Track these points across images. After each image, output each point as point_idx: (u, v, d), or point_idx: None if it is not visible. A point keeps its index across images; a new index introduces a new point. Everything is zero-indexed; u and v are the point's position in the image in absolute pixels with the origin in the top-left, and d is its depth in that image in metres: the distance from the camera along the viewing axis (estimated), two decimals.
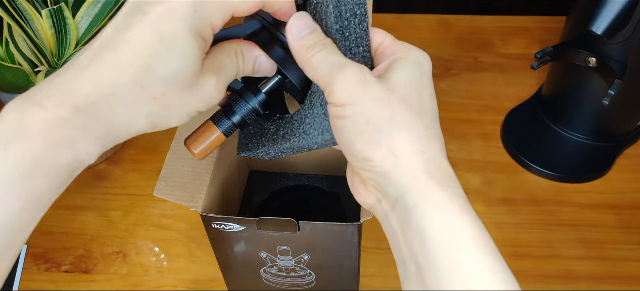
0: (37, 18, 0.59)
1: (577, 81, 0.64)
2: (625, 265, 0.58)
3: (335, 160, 0.60)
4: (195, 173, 0.46)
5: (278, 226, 0.44)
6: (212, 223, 0.45)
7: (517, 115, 0.73)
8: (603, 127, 0.67)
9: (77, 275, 0.60)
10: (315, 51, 0.31)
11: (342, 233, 0.45)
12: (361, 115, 0.29)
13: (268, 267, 0.51)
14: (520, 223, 0.62)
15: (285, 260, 0.49)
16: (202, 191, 0.45)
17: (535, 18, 0.89)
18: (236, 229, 0.46)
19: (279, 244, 0.47)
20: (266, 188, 0.61)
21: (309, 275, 0.51)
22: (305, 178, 0.62)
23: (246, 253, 0.49)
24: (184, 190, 0.45)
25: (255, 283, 0.54)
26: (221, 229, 0.46)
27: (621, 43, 0.56)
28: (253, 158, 0.61)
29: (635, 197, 0.65)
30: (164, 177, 0.45)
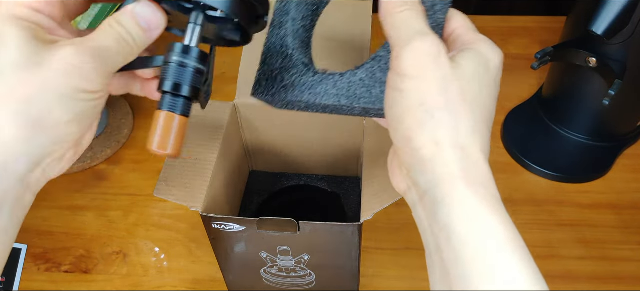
0: None
1: (577, 81, 0.64)
2: (625, 265, 0.58)
3: (336, 160, 0.60)
4: (196, 173, 0.46)
5: (278, 227, 0.44)
6: (212, 223, 0.45)
7: (517, 115, 0.73)
8: (603, 127, 0.67)
9: (77, 275, 0.60)
10: (405, 8, 0.29)
11: (342, 233, 0.45)
12: (418, 93, 0.28)
13: (268, 267, 0.51)
14: (520, 223, 0.62)
15: (285, 260, 0.49)
16: (202, 191, 0.45)
17: (535, 18, 0.89)
18: (236, 229, 0.45)
19: (279, 244, 0.47)
20: (266, 188, 0.61)
21: (309, 275, 0.51)
22: (305, 178, 0.62)
23: (246, 253, 0.49)
24: (184, 190, 0.45)
25: (256, 283, 0.54)
26: (221, 229, 0.46)
27: (621, 43, 0.56)
28: (252, 159, 0.61)
29: (635, 197, 0.65)
30: (164, 177, 0.45)
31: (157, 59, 0.31)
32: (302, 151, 0.59)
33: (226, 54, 0.88)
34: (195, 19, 0.31)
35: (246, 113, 0.54)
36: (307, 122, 0.55)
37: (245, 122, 0.55)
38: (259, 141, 0.58)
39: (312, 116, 0.53)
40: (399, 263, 0.59)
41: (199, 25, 0.31)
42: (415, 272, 0.58)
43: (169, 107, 0.30)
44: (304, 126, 0.56)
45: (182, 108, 0.30)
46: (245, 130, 0.56)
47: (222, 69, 0.83)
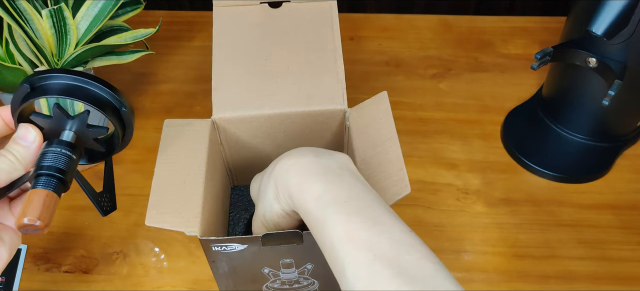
0: (37, 18, 0.59)
1: (577, 81, 0.64)
2: (625, 265, 0.59)
3: None
4: (186, 197, 0.45)
5: (283, 240, 0.43)
6: (213, 246, 0.44)
7: (517, 115, 0.73)
8: (603, 127, 0.67)
9: (77, 275, 0.60)
10: None
11: None
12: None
13: (270, 282, 0.50)
14: (520, 223, 0.63)
15: (289, 273, 0.49)
16: (196, 214, 0.43)
17: (535, 18, 0.89)
18: (238, 248, 0.44)
19: (283, 257, 0.46)
20: (251, 203, 0.60)
21: (313, 283, 0.51)
22: None
23: (248, 272, 0.48)
24: (178, 215, 0.43)
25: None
26: (222, 251, 0.44)
27: (621, 43, 0.56)
28: (233, 174, 0.60)
29: (634, 197, 0.65)
30: (154, 204, 0.44)
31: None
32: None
33: None
34: (67, 125, 0.38)
35: (225, 127, 0.53)
36: (287, 129, 0.54)
37: (224, 137, 0.54)
38: (239, 155, 0.57)
39: (291, 124, 0.52)
40: None
41: (71, 131, 0.38)
42: None
43: (41, 185, 0.35)
44: (285, 133, 0.54)
45: (53, 186, 0.36)
46: (225, 146, 0.55)
47: None
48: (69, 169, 0.37)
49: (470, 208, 0.64)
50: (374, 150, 0.47)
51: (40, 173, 0.36)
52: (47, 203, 0.35)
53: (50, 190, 0.35)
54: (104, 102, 0.38)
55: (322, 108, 0.51)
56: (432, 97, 0.77)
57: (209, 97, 0.79)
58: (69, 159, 0.37)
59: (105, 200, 0.42)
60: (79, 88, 0.37)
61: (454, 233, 0.62)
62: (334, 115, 0.52)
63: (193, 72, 0.83)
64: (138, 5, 0.71)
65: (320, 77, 0.53)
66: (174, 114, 0.76)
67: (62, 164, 0.36)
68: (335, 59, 0.53)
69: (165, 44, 0.87)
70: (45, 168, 0.36)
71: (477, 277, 0.58)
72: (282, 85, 0.52)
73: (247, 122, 0.52)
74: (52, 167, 0.36)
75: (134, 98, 0.79)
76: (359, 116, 0.51)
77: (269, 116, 0.52)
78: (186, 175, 0.46)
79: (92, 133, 0.39)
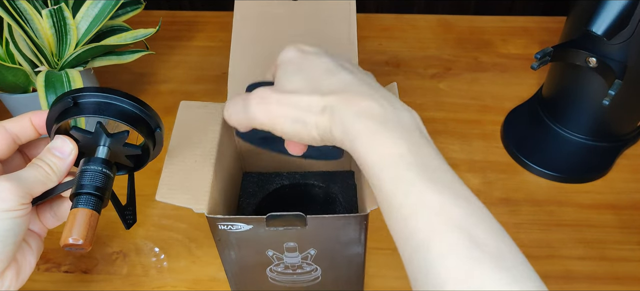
0: (37, 18, 0.59)
1: (577, 81, 0.64)
2: (625, 265, 0.59)
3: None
4: (196, 176, 0.46)
5: (286, 222, 0.44)
6: (219, 225, 0.45)
7: (517, 115, 0.73)
8: (603, 127, 0.67)
9: (77, 275, 0.60)
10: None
11: (349, 224, 0.45)
12: (276, 119, 0.36)
13: (274, 265, 0.51)
14: (520, 223, 0.63)
15: (292, 257, 0.49)
16: (204, 193, 0.45)
17: (535, 18, 0.89)
18: (243, 229, 0.45)
19: (286, 240, 0.47)
20: (261, 189, 0.61)
21: (315, 270, 0.51)
22: (299, 176, 0.62)
23: (252, 253, 0.49)
24: (187, 193, 0.45)
25: (261, 283, 0.54)
26: (228, 230, 0.46)
27: (621, 43, 0.56)
28: (245, 160, 0.61)
29: (634, 197, 0.65)
30: (165, 181, 0.45)
31: (73, 180, 0.38)
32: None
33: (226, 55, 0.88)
34: (103, 141, 0.38)
35: None
36: None
37: None
38: None
39: None
40: (399, 263, 0.59)
41: (105, 147, 0.39)
42: None
43: (82, 204, 0.36)
44: None
45: (93, 205, 0.36)
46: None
47: (222, 69, 0.83)
48: (106, 187, 0.38)
49: None
50: None
51: (81, 193, 0.36)
52: (91, 222, 0.35)
53: (91, 209, 0.36)
54: (144, 123, 0.38)
55: None
56: (432, 97, 0.77)
57: (209, 97, 0.79)
58: (107, 177, 0.38)
59: (129, 214, 0.42)
60: (125, 110, 0.37)
61: None
62: None
63: (193, 72, 0.83)
64: (138, 5, 0.71)
65: None
66: (173, 114, 0.76)
67: (100, 182, 0.37)
68: (350, 51, 0.54)
69: (165, 44, 0.87)
70: (85, 187, 0.36)
71: None
72: None
73: None
74: (92, 186, 0.36)
75: None
76: None
77: None
78: (198, 155, 0.47)
79: (126, 150, 0.40)
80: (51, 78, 0.58)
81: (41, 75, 0.58)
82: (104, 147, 0.38)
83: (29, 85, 0.63)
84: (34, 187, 0.35)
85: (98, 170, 0.37)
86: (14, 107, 0.65)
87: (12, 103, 0.64)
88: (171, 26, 0.90)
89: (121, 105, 0.37)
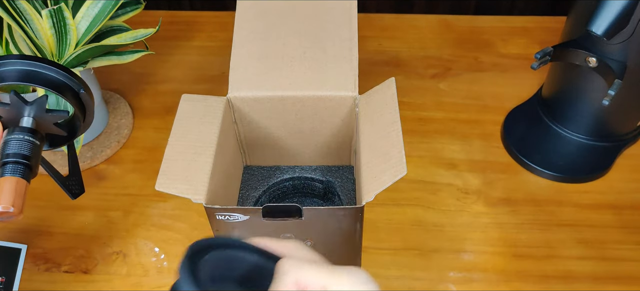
0: (37, 18, 0.59)
1: (577, 81, 0.64)
2: (625, 265, 0.59)
3: (329, 149, 0.61)
4: (196, 167, 0.46)
5: (282, 214, 0.45)
6: (217, 215, 0.45)
7: (517, 115, 0.73)
8: (603, 127, 0.67)
9: (77, 275, 0.60)
10: None
11: (345, 216, 0.46)
12: None
13: None
14: (520, 223, 0.63)
15: None
16: (203, 184, 0.45)
17: (535, 18, 0.89)
18: (240, 219, 0.46)
19: (283, 231, 0.47)
20: (262, 182, 0.61)
21: None
22: (299, 170, 0.62)
23: None
24: (186, 183, 0.45)
25: None
26: (225, 220, 0.46)
27: (621, 43, 0.56)
28: (246, 154, 0.62)
29: (634, 197, 0.65)
30: (164, 171, 0.45)
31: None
32: (295, 142, 0.60)
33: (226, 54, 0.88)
34: (26, 111, 0.38)
35: (240, 106, 0.55)
36: (299, 112, 0.56)
37: (238, 116, 0.56)
38: (253, 135, 0.58)
39: (303, 107, 0.54)
40: (399, 263, 0.59)
41: (30, 117, 0.38)
42: (415, 272, 0.58)
43: (9, 173, 0.35)
44: (296, 116, 0.56)
45: (21, 172, 0.36)
46: (239, 124, 0.57)
47: (222, 69, 0.83)
48: (33, 155, 0.37)
49: (470, 208, 0.64)
50: (378, 135, 0.49)
51: (6, 162, 0.36)
52: (18, 189, 0.35)
53: (18, 177, 0.35)
54: (61, 85, 0.37)
55: (334, 93, 0.53)
56: (432, 97, 0.77)
57: None
58: (32, 145, 0.37)
59: (72, 184, 0.42)
60: (35, 73, 0.36)
61: (454, 233, 0.62)
62: (345, 101, 0.54)
63: (193, 72, 0.83)
64: (138, 5, 0.71)
65: (335, 64, 0.54)
66: (173, 114, 0.76)
67: (27, 150, 0.36)
68: (350, 48, 0.55)
69: (165, 44, 0.87)
70: (11, 156, 0.36)
71: (477, 277, 0.58)
72: (297, 69, 0.54)
73: (261, 102, 0.54)
74: (18, 154, 0.36)
75: (134, 98, 0.79)
76: (368, 102, 0.52)
77: (282, 98, 0.53)
78: (198, 147, 0.48)
79: (52, 117, 0.39)
80: None
81: None
82: (28, 117, 0.38)
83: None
84: None
85: (21, 137, 0.37)
86: None
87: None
88: (171, 26, 0.90)
89: (38, 71, 0.36)
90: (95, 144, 0.71)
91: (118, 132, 0.73)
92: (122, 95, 0.79)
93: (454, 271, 0.58)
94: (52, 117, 0.39)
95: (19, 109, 0.38)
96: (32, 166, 0.37)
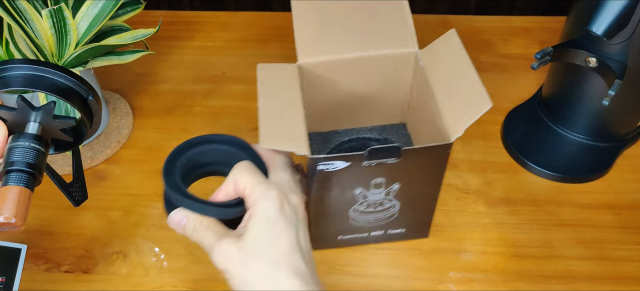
0: (37, 18, 0.59)
1: (577, 81, 0.64)
2: (624, 265, 0.59)
3: (383, 108, 0.65)
4: (290, 125, 0.48)
5: (384, 154, 0.47)
6: (319, 165, 0.47)
7: (517, 115, 0.73)
8: (603, 127, 0.67)
9: (77, 275, 0.60)
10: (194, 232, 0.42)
11: (436, 152, 0.49)
12: (233, 279, 0.40)
13: (358, 204, 0.54)
14: (520, 223, 0.63)
15: (377, 193, 0.52)
16: (303, 138, 0.47)
17: (535, 18, 0.89)
18: (340, 167, 0.48)
19: (375, 176, 0.50)
20: (324, 146, 0.64)
21: (394, 206, 0.55)
22: (356, 132, 0.66)
23: (341, 194, 0.52)
24: (287, 139, 0.47)
25: (341, 226, 0.57)
26: (326, 170, 0.48)
27: (621, 43, 0.56)
28: (308, 121, 0.64)
29: (634, 197, 0.65)
30: (265, 131, 0.47)
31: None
32: (352, 104, 0.63)
33: (226, 54, 0.88)
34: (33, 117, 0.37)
35: (309, 72, 0.57)
36: (364, 74, 0.59)
37: (306, 83, 0.57)
38: (316, 100, 0.60)
39: (368, 67, 0.59)
40: (399, 263, 0.59)
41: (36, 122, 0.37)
42: (415, 272, 0.58)
43: (13, 181, 0.34)
44: (359, 77, 0.59)
45: (25, 182, 0.35)
46: (306, 91, 0.58)
47: (222, 69, 0.83)
48: (39, 162, 0.36)
49: (470, 208, 0.64)
50: (452, 79, 0.52)
51: (11, 170, 0.35)
52: (21, 199, 0.34)
53: (22, 187, 0.34)
54: (69, 91, 0.36)
55: (396, 50, 0.57)
56: None
57: (209, 97, 0.79)
58: (37, 152, 0.36)
59: (76, 190, 0.41)
60: (42, 78, 0.35)
61: (454, 233, 0.62)
62: (406, 58, 0.58)
63: (193, 72, 0.83)
64: (138, 5, 0.71)
65: (392, 25, 0.58)
66: (173, 114, 0.76)
67: (32, 158, 0.35)
68: (402, 7, 0.59)
69: (165, 44, 0.87)
70: (16, 164, 0.35)
71: (477, 277, 0.58)
72: (358, 32, 0.57)
73: (329, 66, 0.57)
74: (22, 162, 0.35)
75: (134, 98, 0.79)
76: (431, 55, 0.56)
77: (349, 59, 0.57)
78: (287, 108, 0.50)
79: (59, 124, 0.38)
80: None
81: None
82: (34, 123, 0.37)
83: None
84: None
85: (27, 145, 0.35)
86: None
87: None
88: (171, 26, 0.90)
89: (46, 76, 0.35)
90: (95, 144, 0.71)
91: (118, 132, 0.73)
92: (122, 95, 0.79)
93: (454, 271, 0.58)
94: (59, 123, 0.38)
95: (25, 114, 0.37)
96: (36, 175, 0.36)
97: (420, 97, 0.59)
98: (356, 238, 0.59)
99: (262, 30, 0.90)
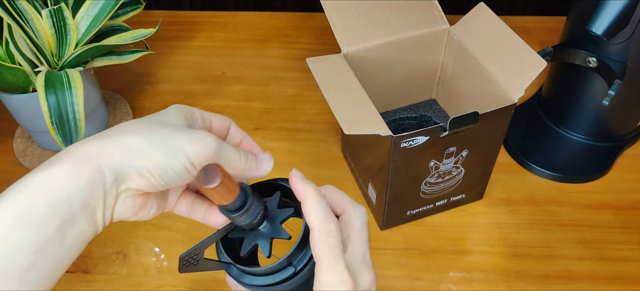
0: (37, 18, 0.59)
1: (577, 81, 0.64)
2: (624, 265, 0.59)
3: (415, 86, 0.68)
4: (364, 112, 0.50)
5: (463, 122, 0.50)
6: (402, 142, 0.49)
7: (517, 115, 0.73)
8: (603, 127, 0.67)
9: (77, 274, 0.60)
10: (330, 237, 0.36)
11: (502, 114, 0.52)
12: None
13: (430, 176, 0.56)
14: (520, 223, 0.63)
15: (448, 163, 0.55)
16: (381, 121, 0.49)
17: (535, 18, 0.89)
18: (420, 142, 0.50)
19: (449, 146, 0.53)
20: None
21: (460, 172, 0.58)
22: (391, 113, 0.68)
23: (416, 168, 0.54)
24: (367, 124, 0.48)
25: (413, 200, 0.59)
26: (407, 147, 0.50)
27: (621, 43, 0.56)
28: None
29: (634, 197, 0.65)
30: (343, 120, 0.48)
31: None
32: (387, 87, 0.66)
33: (226, 54, 0.87)
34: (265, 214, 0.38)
35: (354, 59, 0.59)
36: (400, 56, 0.62)
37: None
38: None
39: (404, 49, 0.62)
40: (399, 263, 0.59)
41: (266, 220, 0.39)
42: (415, 272, 0.58)
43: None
44: (396, 59, 0.63)
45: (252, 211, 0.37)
46: None
47: (222, 69, 0.83)
48: (256, 215, 0.37)
49: (470, 208, 0.64)
50: (496, 46, 0.55)
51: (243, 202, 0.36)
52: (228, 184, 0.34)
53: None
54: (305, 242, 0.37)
55: (429, 30, 0.61)
56: None
57: (209, 97, 0.79)
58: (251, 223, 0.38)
59: (194, 260, 0.43)
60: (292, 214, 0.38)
61: (454, 233, 0.62)
62: (439, 35, 0.62)
63: (193, 72, 0.83)
64: (138, 5, 0.71)
65: (419, 6, 0.62)
66: None
67: (254, 210, 0.37)
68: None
69: (165, 44, 0.87)
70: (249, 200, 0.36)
71: (477, 277, 0.58)
72: (390, 17, 0.61)
73: (369, 52, 0.60)
74: (248, 204, 0.36)
75: (134, 98, 0.79)
76: (465, 29, 0.59)
77: (387, 43, 0.60)
78: (352, 95, 0.52)
79: (271, 231, 0.39)
80: (51, 79, 0.58)
81: (41, 75, 0.58)
82: (265, 221, 0.38)
83: (28, 85, 0.63)
84: (229, 161, 0.36)
85: (257, 211, 0.37)
86: (13, 107, 0.65)
87: (12, 103, 0.64)
88: (171, 26, 0.90)
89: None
90: None
91: None
92: (122, 95, 0.79)
93: (454, 271, 0.58)
94: (271, 230, 0.39)
95: (264, 210, 0.38)
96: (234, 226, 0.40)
97: (458, 69, 0.62)
98: (422, 211, 0.61)
99: (262, 30, 0.90)
